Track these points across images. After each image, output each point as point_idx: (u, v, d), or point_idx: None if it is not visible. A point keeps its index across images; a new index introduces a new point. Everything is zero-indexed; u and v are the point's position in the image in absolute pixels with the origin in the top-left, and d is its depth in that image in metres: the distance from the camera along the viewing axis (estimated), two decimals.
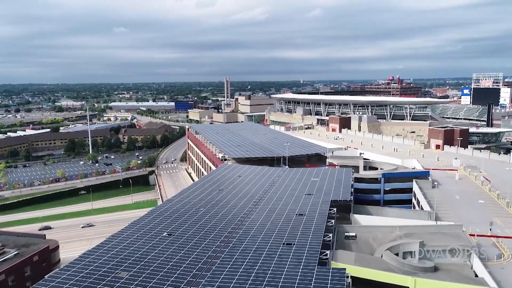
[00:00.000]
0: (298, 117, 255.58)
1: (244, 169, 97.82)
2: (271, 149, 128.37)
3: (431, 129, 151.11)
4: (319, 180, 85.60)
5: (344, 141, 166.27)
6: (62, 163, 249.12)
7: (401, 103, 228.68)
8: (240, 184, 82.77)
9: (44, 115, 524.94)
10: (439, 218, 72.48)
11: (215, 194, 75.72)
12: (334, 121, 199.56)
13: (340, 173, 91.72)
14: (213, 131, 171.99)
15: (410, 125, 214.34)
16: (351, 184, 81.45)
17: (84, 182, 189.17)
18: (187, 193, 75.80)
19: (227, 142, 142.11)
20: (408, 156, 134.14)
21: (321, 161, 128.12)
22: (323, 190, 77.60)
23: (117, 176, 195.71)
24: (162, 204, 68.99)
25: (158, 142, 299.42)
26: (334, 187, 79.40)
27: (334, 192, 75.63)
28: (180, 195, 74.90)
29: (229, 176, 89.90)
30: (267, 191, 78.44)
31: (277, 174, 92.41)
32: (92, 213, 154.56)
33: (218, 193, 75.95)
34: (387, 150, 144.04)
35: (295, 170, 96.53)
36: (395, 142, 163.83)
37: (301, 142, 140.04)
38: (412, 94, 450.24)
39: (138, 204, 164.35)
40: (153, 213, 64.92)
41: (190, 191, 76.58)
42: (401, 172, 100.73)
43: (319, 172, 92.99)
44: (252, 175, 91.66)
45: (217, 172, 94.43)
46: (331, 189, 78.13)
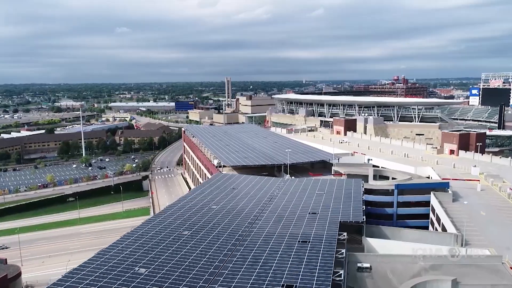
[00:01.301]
0: (301, 118, 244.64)
1: (240, 180, 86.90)
2: (271, 155, 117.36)
3: (445, 133, 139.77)
4: (325, 194, 74.59)
5: (350, 145, 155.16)
6: (54, 166, 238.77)
7: (409, 104, 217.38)
8: (234, 199, 71.80)
9: (41, 116, 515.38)
10: (468, 242, 61.38)
11: (203, 212, 64.65)
12: (339, 123, 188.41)
13: (348, 185, 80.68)
14: (210, 134, 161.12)
15: (418, 127, 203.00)
16: (362, 200, 70.37)
17: (74, 188, 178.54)
18: (169, 212, 64.85)
19: (224, 147, 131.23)
20: (421, 162, 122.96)
21: (326, 169, 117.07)
22: (330, 207, 66.59)
23: (108, 181, 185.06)
24: (136, 230, 57.71)
25: (156, 144, 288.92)
26: (342, 203, 68.41)
27: (343, 211, 64.65)
28: (162, 214, 63.90)
29: (223, 189, 78.96)
30: (264, 208, 67.44)
31: (277, 186, 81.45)
32: (79, 223, 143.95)
33: (206, 212, 64.86)
34: (397, 156, 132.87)
35: (298, 181, 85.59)
36: (405, 146, 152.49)
37: (304, 147, 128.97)
38: (418, 95, 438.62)
39: (129, 212, 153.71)
40: (127, 239, 53.90)
41: (174, 210, 65.62)
42: (417, 184, 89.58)
43: (325, 184, 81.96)
44: (248, 187, 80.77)
45: (209, 184, 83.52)
46: (339, 206, 67.13)
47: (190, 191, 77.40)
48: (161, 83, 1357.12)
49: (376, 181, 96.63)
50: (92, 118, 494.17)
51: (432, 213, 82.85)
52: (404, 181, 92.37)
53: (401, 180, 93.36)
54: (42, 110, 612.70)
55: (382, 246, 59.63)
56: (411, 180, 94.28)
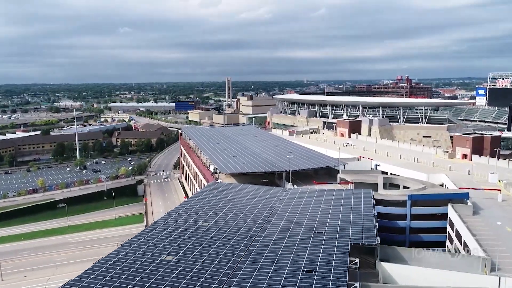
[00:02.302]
0: (303, 119, 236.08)
1: (237, 190, 78.46)
2: (271, 160, 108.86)
3: (457, 136, 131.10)
4: (332, 208, 66.13)
5: (355, 148, 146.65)
6: (47, 169, 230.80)
7: (416, 104, 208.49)
8: (229, 215, 63.34)
9: (39, 116, 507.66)
10: (499, 267, 52.88)
11: (192, 232, 56.06)
12: (343, 125, 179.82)
13: (357, 196, 72.23)
14: (207, 136, 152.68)
15: (425, 129, 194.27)
16: (374, 216, 61.91)
17: (65, 193, 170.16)
18: (153, 231, 56.39)
19: (221, 151, 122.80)
20: (433, 168, 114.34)
21: (330, 175, 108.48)
22: (338, 225, 58.15)
23: (102, 186, 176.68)
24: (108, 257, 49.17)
25: (154, 146, 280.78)
26: (352, 220, 59.99)
27: (354, 229, 56.21)
28: (144, 235, 55.38)
29: (217, 202, 70.50)
30: (263, 226, 59.00)
31: (277, 198, 73.00)
32: (68, 231, 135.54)
33: (195, 231, 56.29)
34: (406, 161, 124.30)
35: (300, 192, 77.09)
36: (413, 150, 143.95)
37: (307, 152, 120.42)
38: (422, 95, 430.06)
39: (121, 220, 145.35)
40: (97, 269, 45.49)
41: (159, 228, 57.14)
42: (433, 194, 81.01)
43: (331, 195, 73.50)
44: (246, 199, 72.31)
45: (202, 195, 75.10)
46: (348, 223, 58.70)
47: (181, 204, 69.00)
48: (162, 83, 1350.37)
49: (386, 190, 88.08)
50: (91, 119, 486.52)
51: (451, 227, 74.34)
52: (418, 191, 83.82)
53: (414, 189, 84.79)
54: (41, 110, 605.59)
55: (400, 273, 51.17)
56: (426, 189, 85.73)
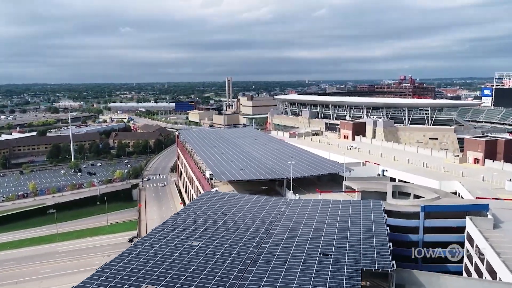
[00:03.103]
0: (304, 120, 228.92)
1: (234, 201, 71.35)
2: (271, 166, 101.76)
3: (469, 140, 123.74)
4: (338, 223, 59.06)
5: (360, 151, 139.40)
6: (41, 172, 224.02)
7: (422, 105, 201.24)
8: (223, 232, 56.25)
9: (37, 117, 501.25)
10: None
11: (179, 253, 48.88)
12: (347, 126, 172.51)
13: (366, 209, 65.14)
14: (205, 139, 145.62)
15: (432, 131, 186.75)
16: (387, 234, 54.85)
17: (56, 198, 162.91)
18: (137, 251, 49.32)
19: (218, 156, 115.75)
20: (444, 174, 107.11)
21: (334, 181, 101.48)
22: (346, 245, 51.07)
23: (96, 190, 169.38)
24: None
25: (152, 147, 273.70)
26: (362, 238, 52.93)
27: (365, 251, 49.14)
28: (126, 256, 48.25)
29: (210, 215, 63.39)
30: (261, 245, 51.91)
31: (277, 211, 65.90)
32: (57, 239, 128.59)
33: (183, 253, 49.08)
34: (414, 166, 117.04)
35: (303, 203, 69.96)
36: (421, 153, 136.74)
37: (309, 156, 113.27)
38: (425, 95, 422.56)
39: (114, 226, 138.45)
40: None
41: (144, 248, 50.05)
42: (449, 205, 73.78)
43: (337, 208, 66.39)
44: (242, 212, 65.24)
45: (195, 206, 68.00)
46: (358, 243, 51.62)
47: (170, 218, 61.97)
48: (163, 83, 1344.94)
49: (396, 200, 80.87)
50: (89, 119, 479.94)
51: (469, 242, 67.14)
52: (432, 202, 76.68)
53: (428, 200, 77.63)
54: (40, 110, 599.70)
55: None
56: (440, 199, 78.56)
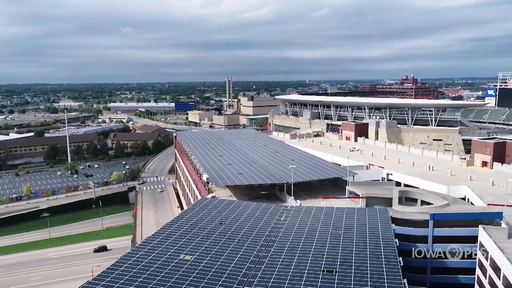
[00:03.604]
0: (305, 121, 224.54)
1: (230, 209, 66.94)
2: (271, 170, 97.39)
3: (476, 142, 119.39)
4: (343, 234, 54.69)
5: (363, 154, 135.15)
6: (37, 173, 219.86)
7: (426, 106, 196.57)
8: (218, 244, 51.78)
9: (36, 117, 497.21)
10: None
11: (166, 273, 44.37)
12: (349, 127, 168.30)
13: (372, 219, 60.73)
14: (203, 141, 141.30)
15: (436, 132, 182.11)
16: (396, 247, 50.49)
17: (50, 201, 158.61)
18: (124, 266, 44.98)
19: (216, 158, 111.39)
20: (451, 178, 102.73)
21: (337, 185, 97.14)
22: (352, 261, 46.62)
23: (91, 193, 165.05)
24: None
25: (150, 148, 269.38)
26: (369, 252, 48.53)
27: (373, 267, 44.73)
28: (112, 271, 43.91)
29: (205, 225, 58.99)
30: (258, 261, 47.50)
31: (276, 220, 61.49)
32: (50, 245, 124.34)
33: (171, 272, 44.55)
34: (420, 169, 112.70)
35: (305, 211, 65.52)
36: (426, 155, 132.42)
37: (311, 159, 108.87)
38: (428, 95, 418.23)
39: (109, 231, 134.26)
40: None
41: (128, 265, 45.61)
42: (460, 213, 69.34)
43: (341, 216, 61.96)
44: (239, 221, 60.83)
45: (189, 215, 63.55)
46: (365, 258, 47.26)
47: (161, 228, 57.60)
48: (164, 83, 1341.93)
49: (403, 207, 76.44)
50: (88, 120, 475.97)
51: (483, 255, 62.72)
52: (441, 209, 72.27)
53: (437, 206, 73.22)
54: (39, 111, 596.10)
55: None
56: (449, 206, 74.12)
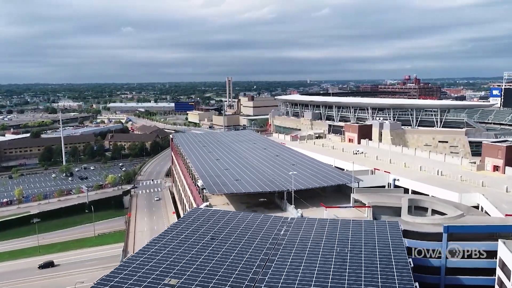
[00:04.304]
0: (306, 122, 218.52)
1: (225, 221, 60.93)
2: (271, 175, 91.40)
3: (487, 145, 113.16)
4: (349, 253, 48.70)
5: (366, 157, 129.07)
6: (31, 176, 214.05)
7: (432, 106, 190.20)
8: (208, 266, 45.82)
9: (34, 117, 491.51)
10: None
11: None
12: (352, 129, 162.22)
13: (382, 235, 54.75)
14: (200, 143, 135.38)
15: (441, 134, 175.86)
16: (411, 269, 44.54)
17: (42, 206, 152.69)
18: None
19: (213, 163, 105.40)
20: (461, 183, 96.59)
21: (341, 193, 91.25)
22: (361, 283, 40.64)
23: (85, 196, 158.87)
24: None
25: (148, 150, 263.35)
26: (380, 277, 42.49)
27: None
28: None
29: (195, 241, 52.86)
30: (253, 286, 41.57)
31: (275, 235, 55.51)
32: (38, 253, 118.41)
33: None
34: (428, 174, 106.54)
35: (306, 224, 59.53)
36: (433, 159, 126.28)
37: (313, 164, 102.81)
38: (431, 95, 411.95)
39: (101, 238, 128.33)
40: None
41: (110, 287, 39.99)
42: (476, 226, 63.33)
43: (347, 230, 55.97)
44: (234, 237, 54.82)
45: (178, 230, 57.41)
46: (375, 282, 41.18)
47: (147, 245, 51.66)
48: (164, 83, 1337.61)
49: (413, 217, 70.43)
50: (87, 120, 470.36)
51: (505, 274, 56.74)
52: (455, 220, 66.25)
53: (450, 218, 67.16)
54: (38, 111, 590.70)
55: None
56: (464, 217, 68.08)
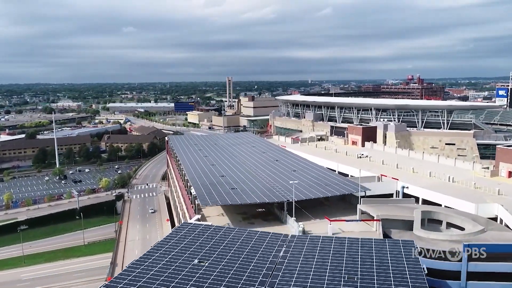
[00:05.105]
0: (308, 123, 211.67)
1: (215, 240, 53.76)
2: (270, 183, 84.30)
3: (502, 149, 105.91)
4: (359, 279, 41.57)
5: (372, 161, 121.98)
6: (23, 178, 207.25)
7: (439, 107, 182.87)
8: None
9: (32, 118, 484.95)
10: None
11: None
12: (355, 131, 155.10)
13: (396, 259, 47.52)
14: (196, 146, 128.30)
15: (448, 136, 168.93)
16: None
17: (31, 212, 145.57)
18: None
19: (207, 168, 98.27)
20: (475, 191, 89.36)
21: (346, 202, 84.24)
22: None
23: (76, 202, 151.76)
24: None
25: (145, 151, 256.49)
26: None
27: None
28: None
29: (180, 265, 45.73)
30: None
31: (273, 257, 48.41)
32: (23, 263, 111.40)
33: None
34: (438, 180, 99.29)
35: (309, 244, 52.32)
36: (442, 163, 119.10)
37: (315, 171, 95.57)
38: (434, 95, 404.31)
39: (91, 247, 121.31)
40: None
41: None
42: (502, 245, 56.10)
43: (355, 253, 48.79)
44: (225, 260, 47.69)
45: (162, 251, 50.36)
46: None
47: (124, 271, 44.63)
48: (165, 83, 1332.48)
49: (427, 232, 63.31)
50: (85, 120, 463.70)
51: None
52: (475, 236, 59.10)
53: (470, 234, 60.03)
54: (36, 111, 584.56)
55: None
56: (485, 233, 60.91)
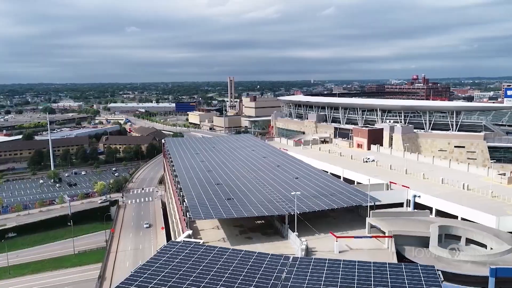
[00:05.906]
0: (311, 124, 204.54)
1: (206, 264, 46.92)
2: (270, 193, 77.38)
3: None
4: None
5: (379, 166, 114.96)
6: (17, 181, 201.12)
7: (448, 108, 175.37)
8: None
9: (32, 118, 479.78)
10: None
11: None
12: (361, 134, 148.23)
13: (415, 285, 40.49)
14: (193, 150, 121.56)
15: (457, 138, 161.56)
16: None
17: (21, 218, 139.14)
18: None
19: (203, 175, 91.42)
20: (493, 201, 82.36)
21: (353, 213, 77.17)
22: None
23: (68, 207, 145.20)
24: None
25: (144, 153, 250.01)
26: None
27: None
28: None
29: None
30: None
31: (272, 285, 41.54)
32: (8, 275, 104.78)
33: None
34: (451, 187, 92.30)
35: (313, 269, 45.48)
36: (454, 169, 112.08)
37: (320, 178, 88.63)
38: (440, 96, 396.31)
39: (81, 256, 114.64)
40: None
41: None
42: None
43: (367, 281, 41.85)
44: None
45: (143, 277, 43.72)
46: None
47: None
48: (167, 83, 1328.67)
49: (446, 252, 56.30)
50: (85, 121, 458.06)
51: None
52: (504, 258, 52.02)
53: (496, 254, 52.96)
54: (37, 111, 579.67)
55: None
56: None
